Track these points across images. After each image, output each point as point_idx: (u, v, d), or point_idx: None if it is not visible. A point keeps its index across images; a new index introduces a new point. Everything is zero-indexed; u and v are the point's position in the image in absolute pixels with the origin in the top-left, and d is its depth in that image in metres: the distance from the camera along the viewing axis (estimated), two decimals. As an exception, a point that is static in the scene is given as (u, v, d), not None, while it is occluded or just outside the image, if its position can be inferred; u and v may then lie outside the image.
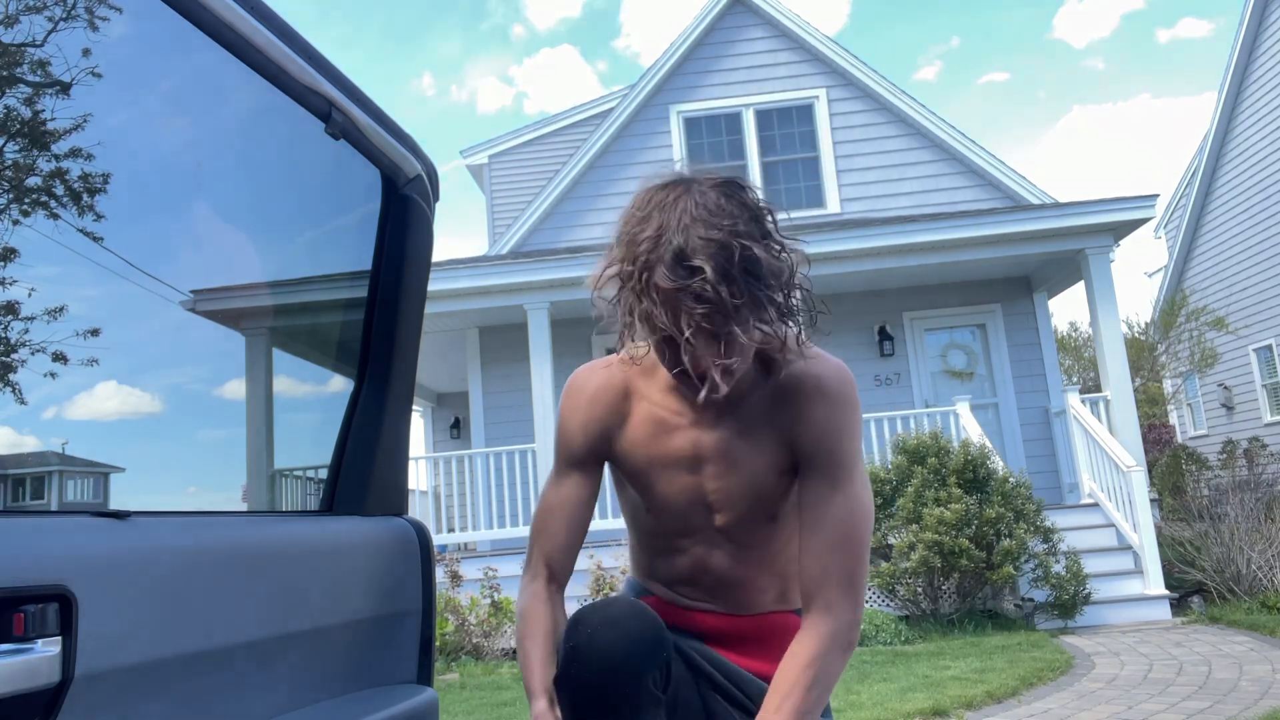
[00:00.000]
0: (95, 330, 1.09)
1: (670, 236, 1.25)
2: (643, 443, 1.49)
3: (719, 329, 1.25)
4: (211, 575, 1.06)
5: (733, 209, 1.28)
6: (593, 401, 1.52)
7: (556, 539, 1.51)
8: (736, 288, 1.24)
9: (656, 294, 1.26)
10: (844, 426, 1.41)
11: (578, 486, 1.53)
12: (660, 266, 1.25)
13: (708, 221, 1.26)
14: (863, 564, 1.38)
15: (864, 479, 1.43)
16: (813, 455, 1.41)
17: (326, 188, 1.56)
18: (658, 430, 1.48)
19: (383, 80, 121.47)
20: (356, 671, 1.35)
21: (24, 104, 1.07)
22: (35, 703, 0.83)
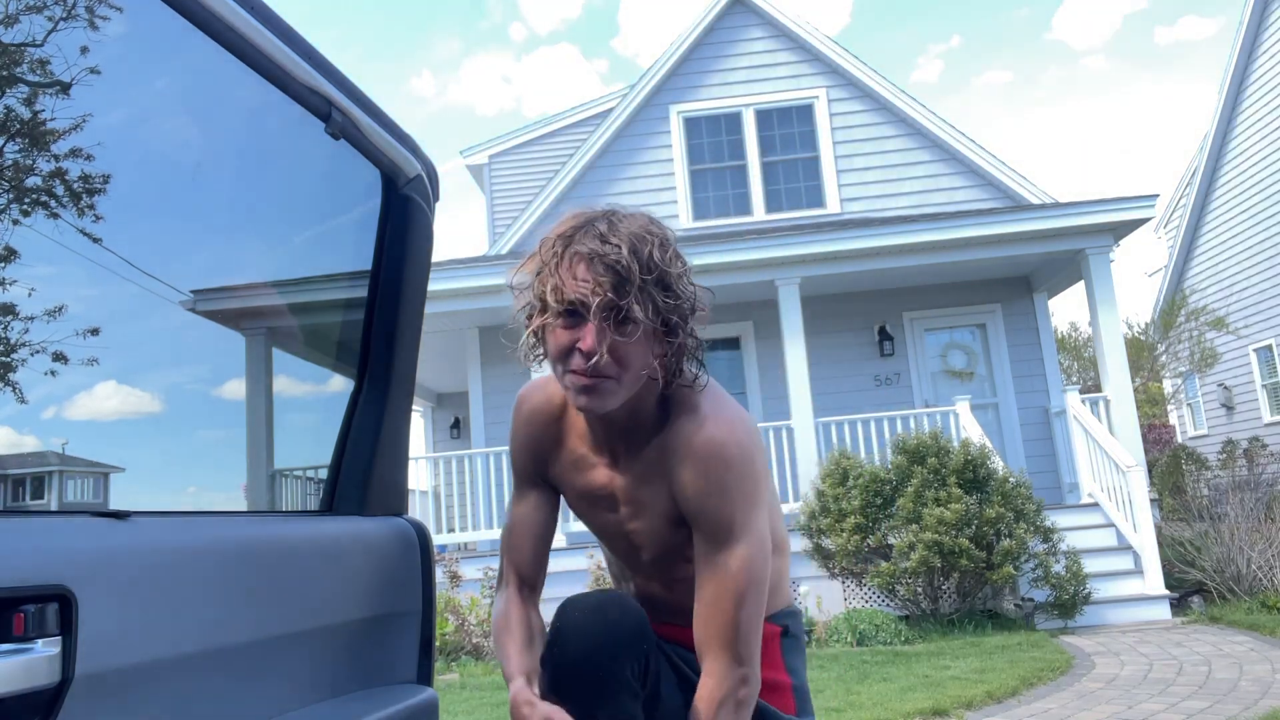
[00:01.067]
0: (95, 330, 1.09)
1: (596, 222, 1.35)
2: (569, 474, 1.53)
3: (621, 300, 1.29)
4: (211, 575, 1.06)
5: (657, 230, 1.37)
6: (528, 423, 1.56)
7: (523, 554, 1.56)
8: (645, 270, 1.31)
9: (573, 259, 1.33)
10: (725, 491, 1.37)
11: (536, 502, 1.57)
12: (581, 236, 1.34)
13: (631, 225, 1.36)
14: (743, 624, 1.36)
15: (754, 539, 1.38)
16: (693, 517, 1.40)
17: (326, 188, 1.56)
18: (580, 464, 1.51)
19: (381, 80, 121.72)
20: (356, 671, 1.35)
21: (24, 104, 1.07)
22: (35, 703, 0.83)
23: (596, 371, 1.32)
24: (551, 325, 1.36)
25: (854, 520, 7.30)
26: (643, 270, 1.30)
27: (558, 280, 1.33)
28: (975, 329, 10.19)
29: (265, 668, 1.15)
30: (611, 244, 1.31)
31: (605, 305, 1.30)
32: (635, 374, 1.35)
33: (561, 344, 1.35)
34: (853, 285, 9.67)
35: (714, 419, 1.41)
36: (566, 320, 1.34)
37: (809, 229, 9.19)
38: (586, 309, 1.31)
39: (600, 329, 1.31)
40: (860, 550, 7.38)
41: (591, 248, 1.31)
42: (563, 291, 1.32)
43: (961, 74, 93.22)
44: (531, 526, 1.56)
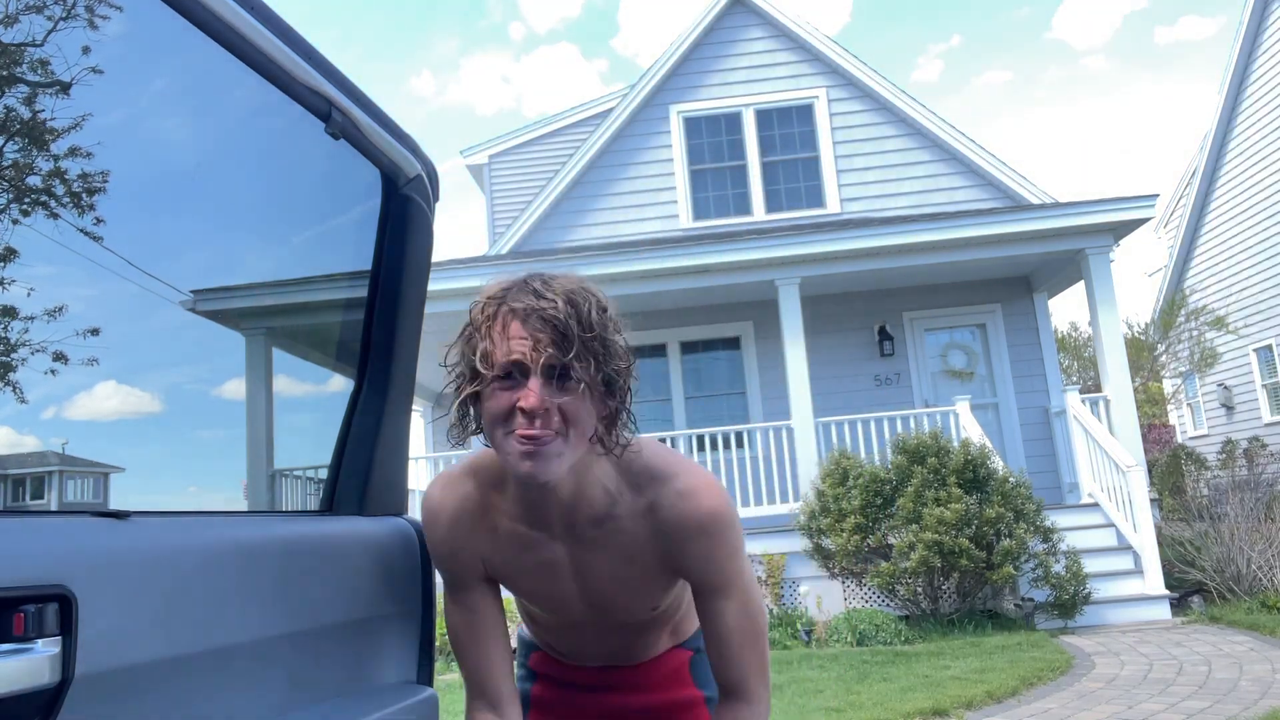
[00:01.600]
0: (95, 330, 1.09)
1: (530, 280, 1.31)
2: (508, 557, 1.45)
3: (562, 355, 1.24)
4: (211, 575, 1.06)
5: (593, 289, 1.34)
6: (452, 527, 1.45)
7: (481, 665, 1.46)
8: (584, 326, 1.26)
9: (506, 317, 1.27)
10: (730, 555, 1.41)
11: (478, 605, 1.47)
12: (514, 294, 1.28)
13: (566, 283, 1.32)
14: (766, 652, 1.47)
15: (748, 579, 1.45)
16: (702, 583, 1.43)
17: (326, 188, 1.56)
18: (520, 546, 1.43)
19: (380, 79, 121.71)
20: (356, 671, 1.35)
21: (24, 104, 1.07)
22: (35, 703, 0.83)
23: (542, 432, 1.25)
24: (487, 391, 1.28)
25: (854, 520, 7.30)
26: (582, 326, 1.25)
27: (490, 342, 1.27)
28: (975, 329, 10.19)
29: (265, 668, 1.15)
30: (547, 299, 1.26)
31: (547, 361, 1.24)
32: (581, 435, 1.29)
33: (501, 406, 1.26)
34: (853, 285, 9.67)
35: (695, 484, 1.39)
36: (504, 382, 1.27)
37: (809, 229, 9.18)
38: (525, 367, 1.25)
39: (544, 383, 1.25)
40: (860, 550, 7.38)
41: (527, 304, 1.26)
42: (497, 353, 1.26)
43: (962, 73, 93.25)
44: (479, 630, 1.47)
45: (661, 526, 1.38)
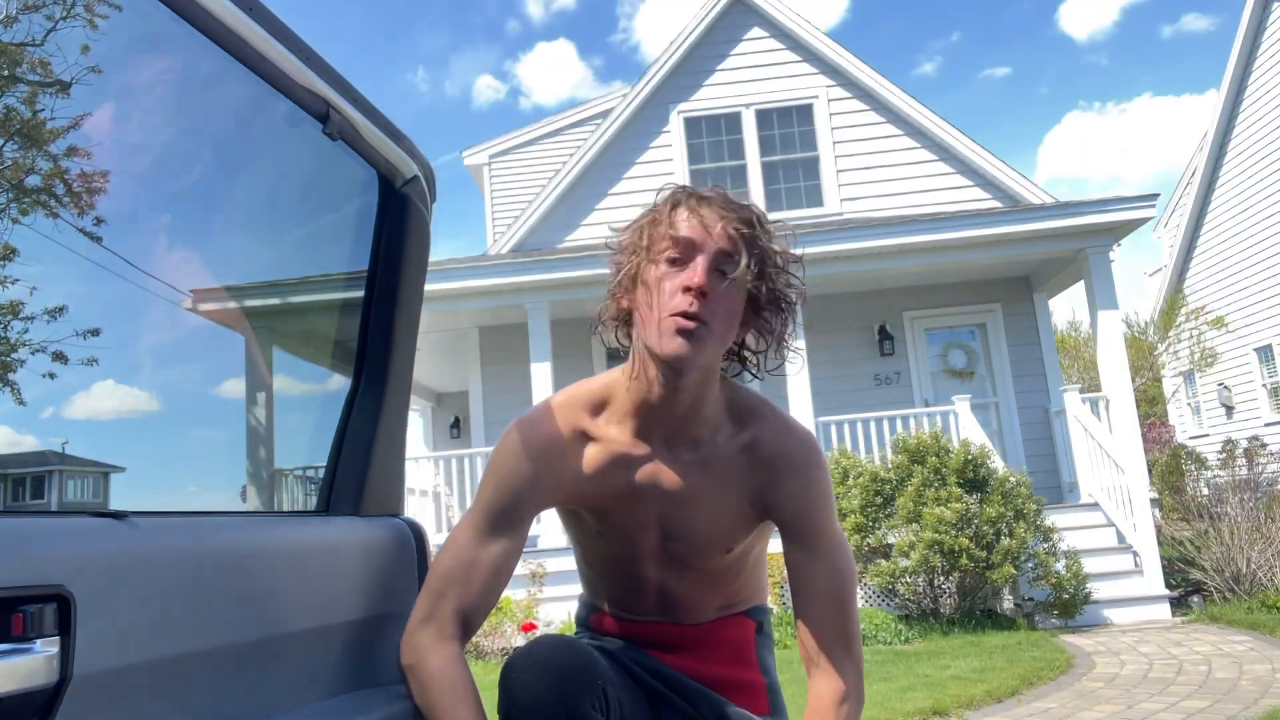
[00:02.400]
0: (95, 330, 1.09)
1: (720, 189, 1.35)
2: (595, 481, 1.43)
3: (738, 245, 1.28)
4: (209, 576, 1.07)
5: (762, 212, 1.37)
6: (541, 454, 1.41)
7: (475, 598, 1.37)
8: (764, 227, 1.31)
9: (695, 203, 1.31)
10: (822, 498, 1.43)
11: (508, 544, 1.41)
12: (708, 194, 1.33)
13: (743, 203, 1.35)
14: (854, 621, 1.43)
15: (840, 538, 1.45)
16: (793, 526, 1.42)
17: (324, 188, 1.57)
18: (611, 466, 1.42)
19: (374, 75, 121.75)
20: (354, 672, 1.35)
21: (24, 104, 1.07)
22: (33, 703, 0.83)
23: (699, 315, 1.27)
24: (654, 271, 1.31)
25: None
26: (764, 228, 1.31)
27: (670, 223, 1.31)
28: (975, 329, 10.19)
29: (262, 668, 1.15)
30: (739, 200, 1.32)
31: (726, 242, 1.28)
32: (727, 333, 1.32)
33: (666, 284, 1.29)
34: (853, 285, 9.67)
35: (797, 429, 1.43)
36: (671, 265, 1.30)
37: (809, 229, 9.19)
38: (698, 248, 1.29)
39: (712, 265, 1.28)
40: (860, 549, 7.38)
41: (716, 194, 1.31)
42: (677, 228, 1.30)
43: (962, 70, 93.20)
44: (497, 567, 1.39)
45: (759, 460, 1.40)
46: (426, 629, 1.34)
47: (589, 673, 1.31)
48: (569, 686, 1.29)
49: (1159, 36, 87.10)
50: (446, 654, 1.33)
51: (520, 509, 1.42)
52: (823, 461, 1.43)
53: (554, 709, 1.26)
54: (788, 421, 1.44)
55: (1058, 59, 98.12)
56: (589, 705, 1.30)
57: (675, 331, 1.27)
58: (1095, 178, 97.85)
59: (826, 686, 1.39)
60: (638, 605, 1.57)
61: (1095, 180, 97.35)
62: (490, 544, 1.39)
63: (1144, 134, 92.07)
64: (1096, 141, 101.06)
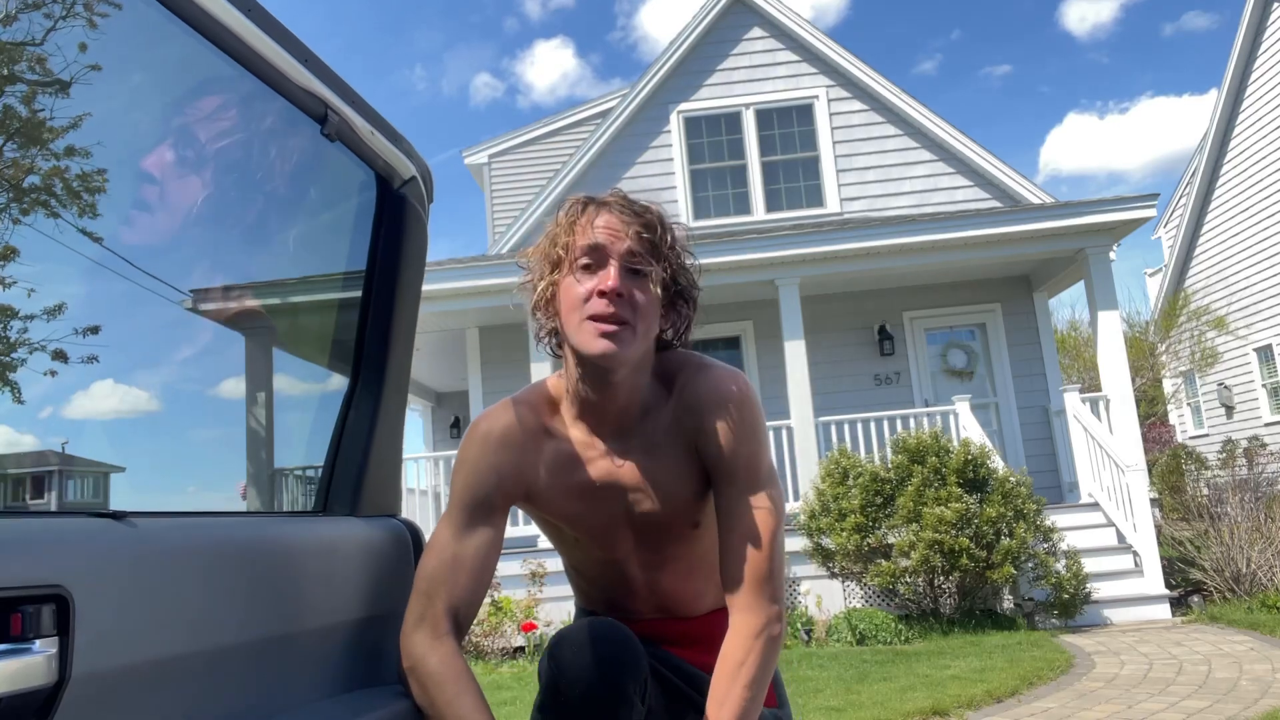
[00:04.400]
0: (95, 330, 1.09)
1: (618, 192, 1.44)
2: (558, 479, 1.48)
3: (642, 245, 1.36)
4: (207, 576, 1.07)
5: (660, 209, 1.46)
6: (502, 445, 1.46)
7: (464, 593, 1.39)
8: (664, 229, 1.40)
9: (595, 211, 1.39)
10: (747, 432, 1.43)
11: (487, 536, 1.44)
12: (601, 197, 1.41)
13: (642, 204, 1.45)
14: (775, 562, 1.41)
15: (771, 478, 1.46)
16: (719, 463, 1.44)
17: (322, 189, 1.57)
18: (571, 464, 1.47)
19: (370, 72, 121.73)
20: (352, 672, 1.35)
21: (23, 104, 1.07)
22: (32, 703, 0.84)
23: (617, 316, 1.33)
24: (566, 281, 1.38)
25: (854, 520, 7.30)
26: (662, 226, 1.39)
27: (574, 234, 1.38)
28: (975, 328, 10.19)
29: (261, 668, 1.15)
30: (636, 203, 1.40)
31: (630, 246, 1.36)
32: (649, 329, 1.38)
33: (580, 292, 1.36)
34: (853, 285, 9.67)
35: (719, 368, 1.47)
36: (584, 272, 1.37)
37: (809, 229, 9.18)
38: (606, 252, 1.36)
39: (623, 268, 1.35)
40: (860, 549, 7.38)
41: (615, 199, 1.39)
42: (584, 237, 1.37)
43: (962, 68, 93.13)
44: (480, 560, 1.42)
45: (685, 407, 1.44)
46: (421, 630, 1.36)
47: (636, 656, 1.37)
48: (616, 665, 1.34)
49: (1160, 35, 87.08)
50: (444, 651, 1.34)
51: (491, 500, 1.45)
52: (748, 397, 1.45)
53: (600, 684, 1.33)
54: (708, 363, 1.48)
55: (1059, 57, 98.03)
56: (632, 688, 1.35)
57: (599, 334, 1.34)
58: (1097, 176, 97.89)
59: (745, 622, 1.39)
60: (631, 605, 1.60)
61: (1096, 179, 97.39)
62: (469, 538, 1.42)
63: (1145, 133, 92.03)
64: (1098, 140, 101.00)
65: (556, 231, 1.41)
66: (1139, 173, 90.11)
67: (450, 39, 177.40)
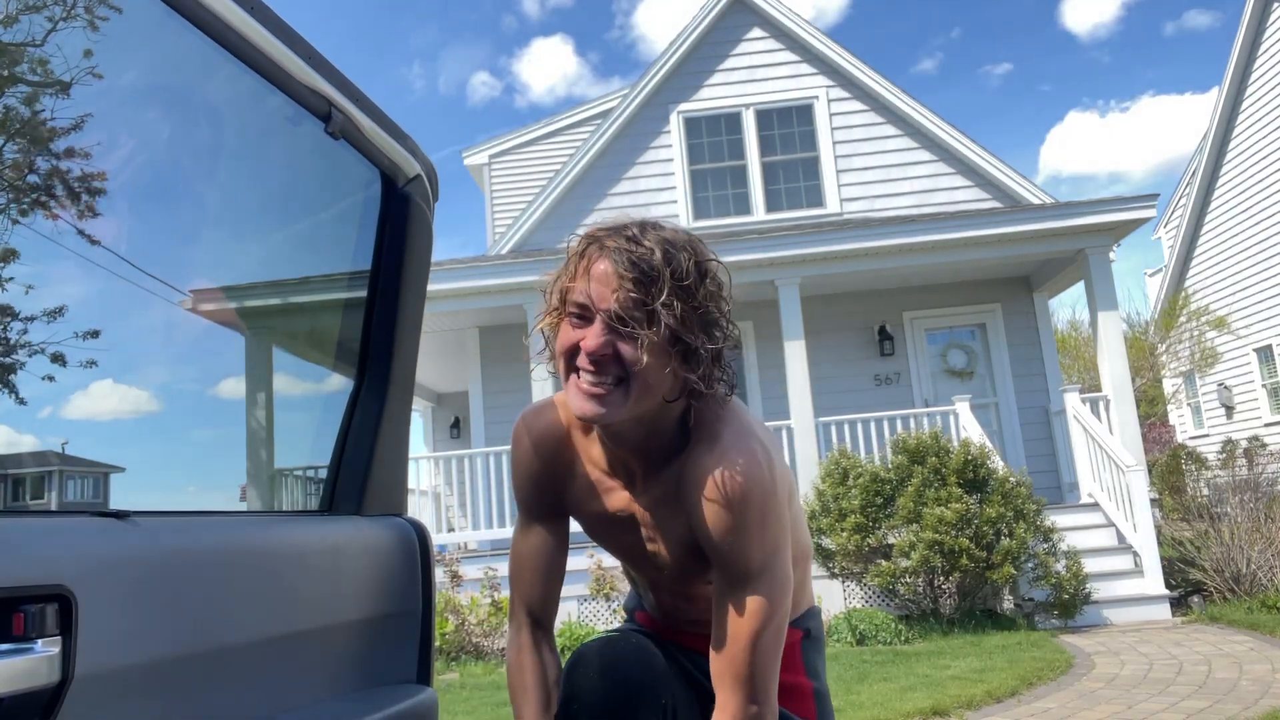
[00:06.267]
0: (95, 331, 1.09)
1: (630, 225, 1.29)
2: (584, 499, 1.46)
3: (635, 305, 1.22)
4: (211, 575, 1.06)
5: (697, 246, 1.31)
6: (535, 452, 1.46)
7: (534, 589, 1.47)
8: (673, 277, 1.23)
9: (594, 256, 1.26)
10: (745, 530, 1.29)
11: (544, 534, 1.48)
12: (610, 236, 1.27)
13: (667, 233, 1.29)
14: (759, 664, 1.30)
15: (774, 580, 1.32)
16: (711, 553, 1.33)
17: (326, 187, 1.57)
18: (597, 489, 1.44)
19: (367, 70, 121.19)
20: (356, 671, 1.35)
21: (24, 104, 1.07)
22: (35, 702, 0.83)
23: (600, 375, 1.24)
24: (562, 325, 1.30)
25: (854, 520, 7.30)
26: (670, 277, 1.22)
27: (571, 278, 1.28)
28: (975, 329, 10.19)
29: (265, 668, 1.15)
30: (643, 247, 1.24)
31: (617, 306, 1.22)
32: (644, 388, 1.26)
33: (567, 342, 1.28)
34: (853, 285, 9.67)
35: (735, 450, 1.31)
36: (576, 320, 1.27)
37: (809, 229, 9.19)
38: (592, 309, 1.25)
39: (607, 329, 1.24)
40: (860, 550, 7.38)
41: (617, 244, 1.25)
42: (574, 289, 1.27)
43: (963, 67, 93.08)
44: (540, 560, 1.47)
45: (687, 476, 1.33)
46: (510, 625, 1.48)
47: (654, 681, 1.34)
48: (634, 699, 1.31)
49: (1161, 33, 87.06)
50: (517, 644, 1.46)
51: (532, 504, 1.49)
52: (757, 494, 1.30)
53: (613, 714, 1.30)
54: (738, 444, 1.32)
55: (1059, 56, 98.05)
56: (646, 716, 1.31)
57: (583, 395, 1.26)
58: (1098, 175, 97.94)
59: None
60: (669, 617, 1.59)
61: (1098, 178, 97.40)
62: (527, 538, 1.50)
63: (1146, 132, 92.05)
64: (1099, 139, 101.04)
65: (562, 268, 1.32)
66: (1140, 172, 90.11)
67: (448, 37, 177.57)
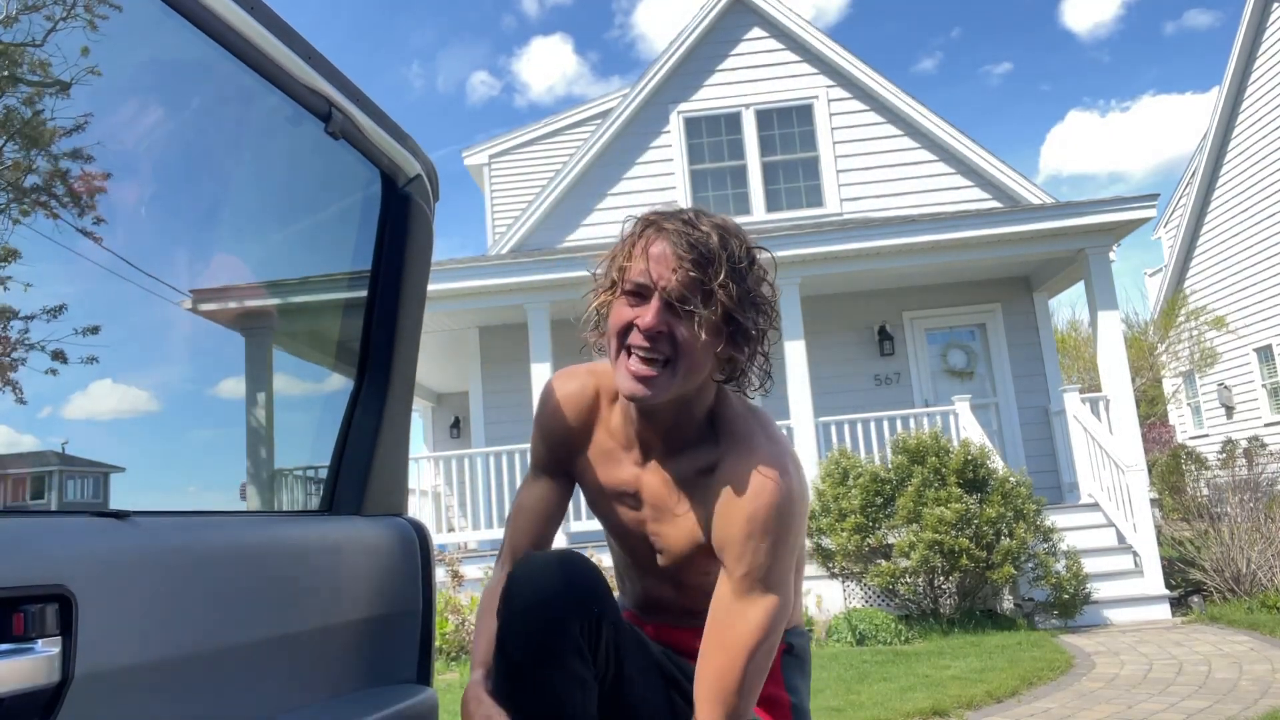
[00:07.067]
0: (95, 330, 1.09)
1: (685, 210, 1.32)
2: (594, 466, 1.49)
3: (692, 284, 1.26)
4: (211, 575, 1.06)
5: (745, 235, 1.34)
6: (558, 411, 1.51)
7: (526, 535, 1.55)
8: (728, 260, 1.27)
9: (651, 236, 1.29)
10: (770, 540, 1.29)
11: (547, 490, 1.56)
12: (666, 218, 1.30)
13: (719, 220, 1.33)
14: (749, 677, 1.29)
15: (782, 593, 1.31)
16: (727, 556, 1.32)
17: (327, 188, 1.57)
18: (608, 459, 1.47)
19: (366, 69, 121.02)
20: (356, 671, 1.35)
21: (24, 104, 1.07)
22: (35, 702, 0.83)
23: (653, 354, 1.27)
24: (616, 303, 1.32)
25: (854, 520, 7.30)
26: (726, 260, 1.26)
27: (628, 258, 1.31)
28: (975, 329, 10.19)
29: (265, 668, 1.15)
30: (700, 230, 1.27)
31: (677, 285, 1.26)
32: (692, 367, 1.28)
33: (621, 321, 1.30)
34: (853, 285, 9.67)
35: (771, 460, 1.31)
36: (631, 298, 1.29)
37: (809, 229, 9.19)
38: (652, 287, 1.27)
39: (664, 308, 1.26)
40: (860, 550, 7.38)
41: (675, 227, 1.28)
42: (633, 268, 1.29)
43: (963, 66, 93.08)
44: (539, 509, 1.55)
45: (725, 486, 1.33)
46: (496, 567, 1.55)
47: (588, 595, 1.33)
48: (564, 598, 1.31)
49: (1162, 32, 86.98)
50: (496, 578, 1.50)
51: (542, 460, 1.55)
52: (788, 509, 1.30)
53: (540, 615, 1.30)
54: (773, 455, 1.32)
55: (1060, 55, 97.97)
56: (576, 626, 1.30)
57: (630, 374, 1.29)
58: (1098, 175, 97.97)
59: None
60: (654, 605, 1.59)
61: (1098, 178, 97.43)
62: (531, 488, 1.57)
63: (1146, 131, 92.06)
64: (1099, 139, 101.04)
65: (617, 249, 1.34)
66: (1140, 172, 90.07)
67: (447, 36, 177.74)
